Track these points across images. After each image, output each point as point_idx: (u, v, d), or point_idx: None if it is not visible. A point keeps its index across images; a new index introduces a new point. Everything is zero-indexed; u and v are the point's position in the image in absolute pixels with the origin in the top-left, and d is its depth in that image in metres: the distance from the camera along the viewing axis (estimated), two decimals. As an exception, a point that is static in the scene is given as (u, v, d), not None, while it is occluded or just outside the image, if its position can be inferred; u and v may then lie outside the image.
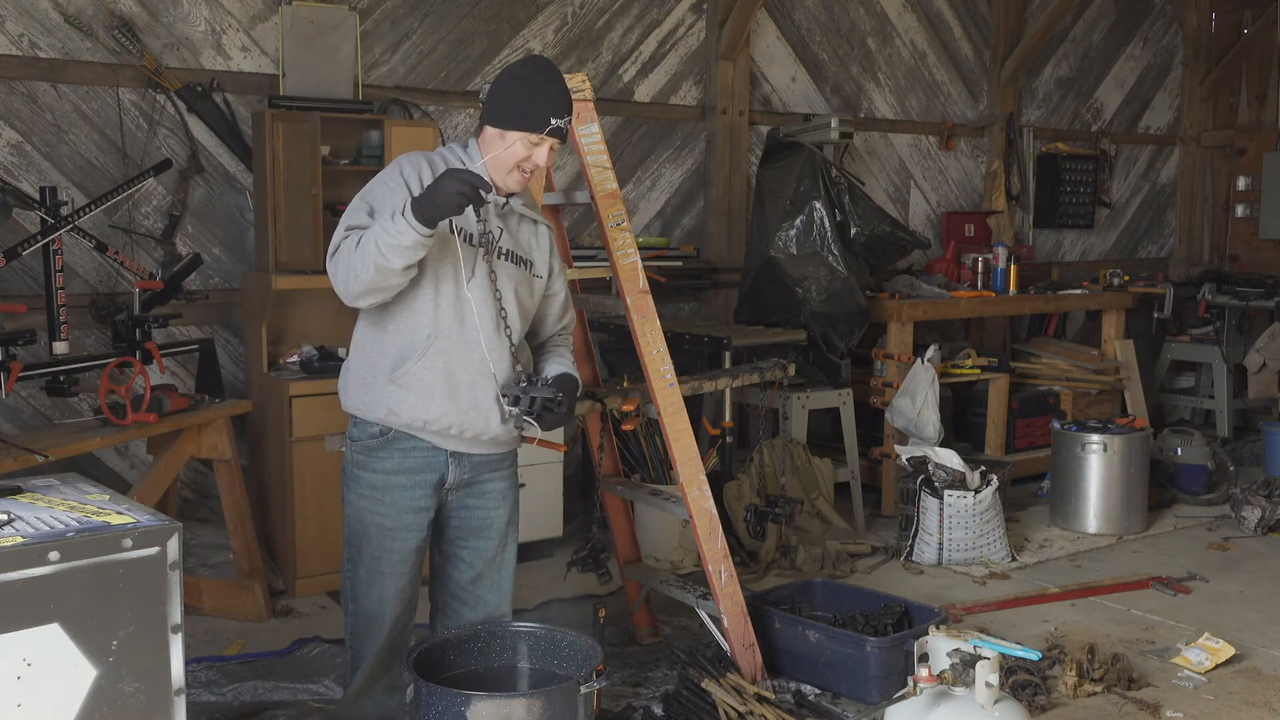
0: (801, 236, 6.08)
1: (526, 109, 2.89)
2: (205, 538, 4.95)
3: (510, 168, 2.92)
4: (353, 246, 2.76)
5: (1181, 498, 6.41)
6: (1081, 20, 8.31)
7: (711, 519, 3.72)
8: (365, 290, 2.78)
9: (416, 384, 2.89)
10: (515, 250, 3.02)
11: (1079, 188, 8.31)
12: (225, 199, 5.12)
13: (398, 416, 2.91)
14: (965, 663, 2.90)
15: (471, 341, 2.91)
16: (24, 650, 2.01)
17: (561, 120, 2.91)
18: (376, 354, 2.94)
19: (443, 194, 2.64)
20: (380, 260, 2.69)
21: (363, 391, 2.95)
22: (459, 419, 2.93)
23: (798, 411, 5.73)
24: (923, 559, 5.31)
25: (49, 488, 2.45)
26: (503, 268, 2.98)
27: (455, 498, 3.06)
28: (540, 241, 3.11)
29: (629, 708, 3.71)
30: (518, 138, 2.89)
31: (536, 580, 4.96)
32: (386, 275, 2.73)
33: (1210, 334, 7.87)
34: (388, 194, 2.86)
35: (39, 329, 4.22)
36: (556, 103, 2.91)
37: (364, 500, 2.98)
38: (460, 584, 3.13)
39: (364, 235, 2.75)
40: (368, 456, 2.97)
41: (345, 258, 2.78)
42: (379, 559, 2.98)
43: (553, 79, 2.95)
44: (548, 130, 2.89)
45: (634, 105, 6.27)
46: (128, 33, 4.79)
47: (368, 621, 3.02)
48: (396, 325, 2.91)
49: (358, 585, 3.02)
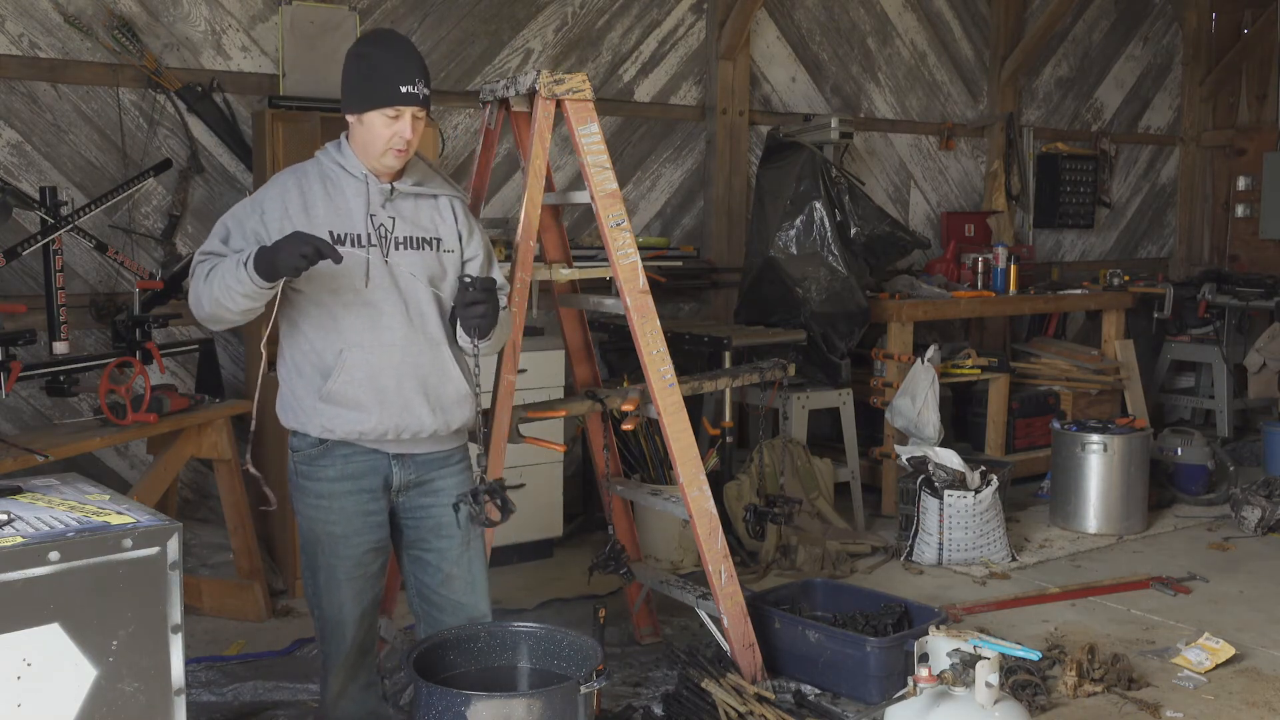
0: (801, 236, 6.08)
1: (371, 86, 2.81)
2: (205, 538, 4.95)
3: (381, 150, 2.85)
4: (203, 276, 2.80)
5: (1181, 498, 6.41)
6: (1081, 20, 8.31)
7: (711, 519, 3.72)
8: (209, 319, 2.84)
9: (344, 399, 2.87)
10: (415, 234, 2.95)
11: (1079, 188, 8.31)
12: (225, 199, 5.11)
13: (333, 432, 2.90)
14: (965, 663, 2.90)
15: (388, 344, 2.88)
16: (24, 650, 2.01)
17: (413, 86, 2.81)
18: (298, 370, 2.93)
19: (284, 255, 2.63)
20: (221, 298, 2.74)
21: (295, 409, 2.95)
22: (394, 423, 2.90)
23: (798, 411, 5.73)
24: (923, 559, 5.31)
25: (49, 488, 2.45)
26: (403, 258, 2.91)
27: (406, 499, 3.04)
28: (444, 214, 3.02)
29: (629, 708, 3.71)
30: (374, 117, 2.82)
31: (536, 580, 4.96)
32: (227, 311, 2.78)
33: (1210, 334, 7.87)
34: (244, 216, 2.87)
35: (39, 329, 4.22)
36: (405, 70, 2.81)
37: (312, 509, 2.97)
38: (432, 588, 3.10)
39: (213, 268, 2.78)
40: (310, 466, 2.95)
41: (195, 284, 2.82)
42: (334, 565, 2.97)
43: (393, 46, 2.86)
44: (401, 101, 2.80)
45: (634, 105, 6.27)
46: (128, 33, 4.79)
47: (332, 627, 3.02)
48: (310, 341, 2.89)
49: (318, 592, 3.01)
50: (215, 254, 2.84)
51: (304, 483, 2.97)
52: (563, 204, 4.03)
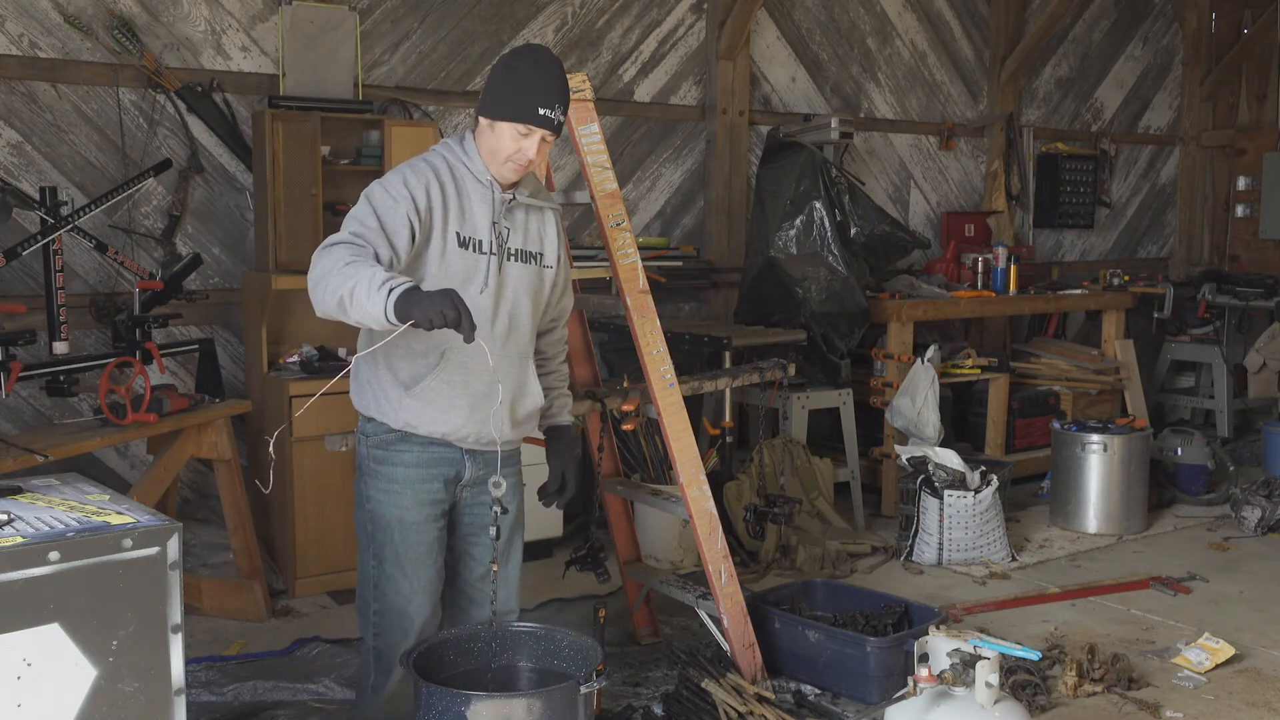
0: (801, 236, 6.08)
1: (514, 99, 2.82)
2: (205, 538, 4.95)
3: (503, 160, 2.86)
4: (339, 263, 2.61)
5: (1181, 498, 6.41)
6: (1081, 20, 8.31)
7: (711, 519, 3.72)
8: (321, 308, 2.67)
9: (435, 399, 2.86)
10: (524, 247, 2.98)
11: (1079, 188, 8.31)
12: (225, 199, 5.12)
13: (416, 428, 2.89)
14: (965, 663, 2.90)
15: (483, 351, 2.84)
16: (24, 650, 2.01)
17: (550, 110, 2.81)
18: (388, 361, 2.90)
19: (428, 308, 2.47)
20: (347, 303, 2.57)
21: (378, 400, 2.92)
22: (476, 429, 2.91)
23: (798, 411, 5.73)
24: (923, 559, 5.31)
25: (49, 488, 2.45)
26: (511, 270, 2.94)
27: (469, 494, 3.04)
28: (548, 228, 3.05)
29: (629, 708, 3.71)
30: (506, 129, 2.83)
31: (536, 580, 4.96)
32: (345, 316, 2.62)
33: (1210, 334, 7.87)
34: (391, 204, 2.77)
35: (39, 329, 4.22)
36: (547, 92, 2.82)
37: (385, 494, 2.94)
38: (470, 581, 3.10)
39: (355, 267, 2.58)
40: (386, 451, 2.93)
41: (327, 266, 2.63)
42: (402, 554, 2.93)
43: (544, 68, 2.85)
44: (535, 121, 2.81)
45: (634, 105, 6.27)
46: (128, 33, 4.79)
47: (396, 618, 2.95)
48: (407, 336, 2.79)
49: (383, 582, 2.95)
50: (358, 240, 2.69)
51: (378, 467, 2.94)
52: (563, 204, 4.03)
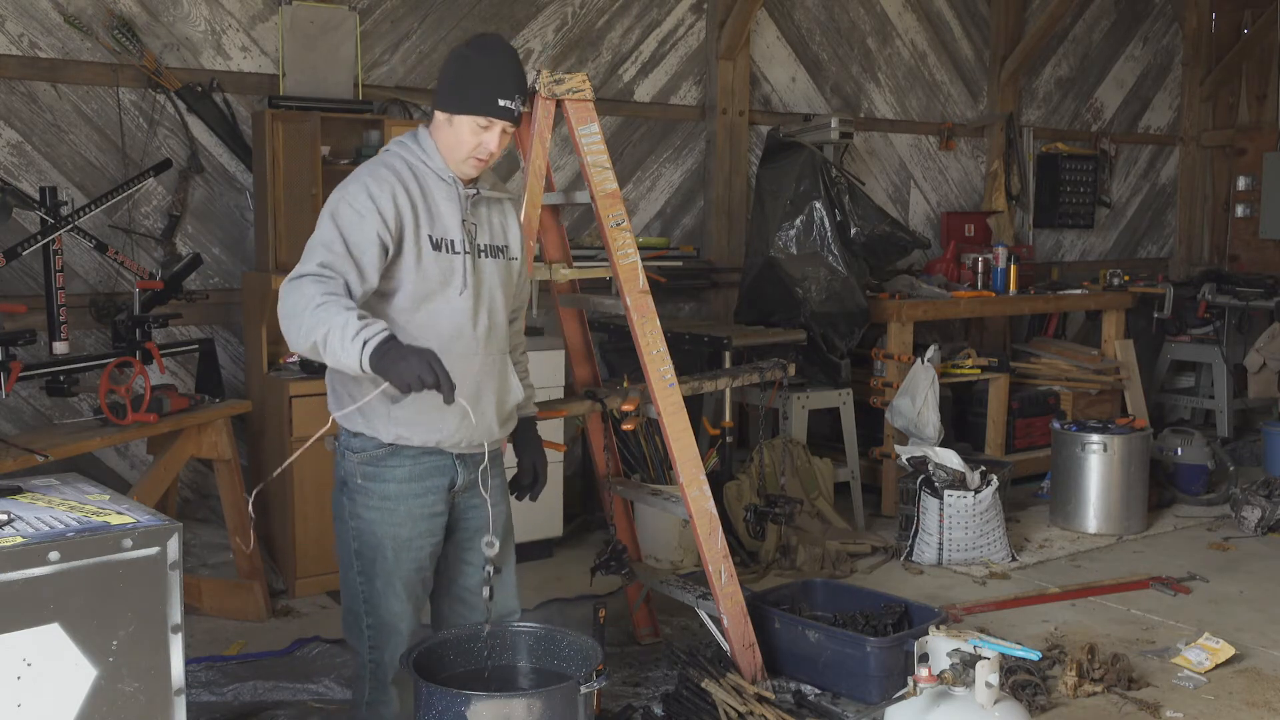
0: (801, 236, 6.08)
1: (471, 91, 2.73)
2: (205, 538, 4.95)
3: (464, 156, 2.79)
4: (310, 304, 2.51)
5: (1181, 498, 6.41)
6: (1081, 20, 8.31)
7: (711, 519, 3.72)
8: (298, 350, 2.59)
9: (426, 408, 2.74)
10: (492, 241, 2.91)
11: (1079, 188, 8.31)
12: (225, 199, 5.12)
13: (409, 440, 2.80)
14: (965, 663, 2.90)
15: (471, 353, 2.82)
16: (24, 650, 2.01)
17: (510, 101, 2.73)
18: None
19: (405, 369, 2.41)
20: (321, 348, 2.50)
21: (365, 414, 2.79)
22: (468, 434, 2.85)
23: (798, 411, 5.73)
24: (923, 559, 5.31)
25: (49, 488, 2.45)
26: (485, 267, 2.87)
27: (463, 499, 2.96)
28: (509, 219, 2.99)
29: (629, 708, 3.71)
30: (465, 122, 2.75)
31: (536, 580, 4.96)
32: (319, 358, 2.55)
33: (1210, 334, 7.87)
34: (357, 220, 2.66)
35: (39, 329, 4.22)
36: (504, 83, 2.74)
37: (376, 513, 2.83)
38: (469, 589, 3.04)
39: (327, 310, 2.49)
40: (377, 467, 2.82)
41: (297, 305, 2.53)
42: (394, 573, 2.86)
43: (500, 58, 2.77)
44: (495, 113, 2.74)
45: (634, 105, 6.27)
46: (128, 33, 4.79)
47: (388, 634, 2.91)
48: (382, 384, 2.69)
49: (374, 598, 2.89)
50: (326, 273, 2.59)
51: (368, 485, 2.82)
52: (563, 204, 4.03)
